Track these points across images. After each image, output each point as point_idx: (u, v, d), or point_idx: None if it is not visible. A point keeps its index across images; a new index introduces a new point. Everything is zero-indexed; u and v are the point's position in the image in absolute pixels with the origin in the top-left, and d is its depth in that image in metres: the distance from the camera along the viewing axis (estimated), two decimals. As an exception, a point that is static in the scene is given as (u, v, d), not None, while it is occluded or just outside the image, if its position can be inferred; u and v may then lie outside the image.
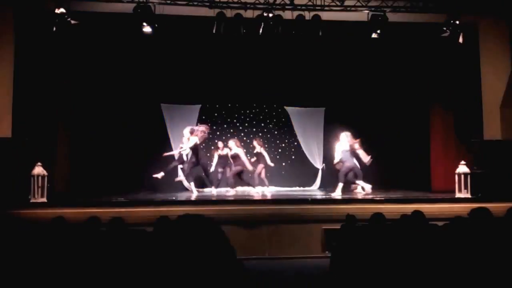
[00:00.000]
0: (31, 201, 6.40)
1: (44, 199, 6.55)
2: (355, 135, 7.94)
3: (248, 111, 9.52)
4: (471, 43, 7.72)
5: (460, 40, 7.11)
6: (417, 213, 4.19)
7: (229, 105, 9.44)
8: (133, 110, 8.76)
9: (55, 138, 7.76)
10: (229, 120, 9.46)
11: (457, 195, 7.16)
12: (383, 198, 6.98)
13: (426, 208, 5.59)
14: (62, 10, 6.48)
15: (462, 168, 7.20)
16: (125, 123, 8.64)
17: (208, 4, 6.84)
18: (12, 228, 3.64)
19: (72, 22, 6.58)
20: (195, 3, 6.87)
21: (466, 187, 7.06)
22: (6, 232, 3.57)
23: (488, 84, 8.01)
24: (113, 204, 6.39)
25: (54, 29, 6.58)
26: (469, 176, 7.07)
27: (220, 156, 8.48)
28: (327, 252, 5.91)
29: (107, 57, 8.32)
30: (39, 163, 6.65)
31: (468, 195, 7.00)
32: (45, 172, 6.64)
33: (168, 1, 6.82)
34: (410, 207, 5.03)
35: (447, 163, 8.20)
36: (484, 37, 7.99)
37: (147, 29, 6.89)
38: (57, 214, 4.05)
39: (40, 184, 6.53)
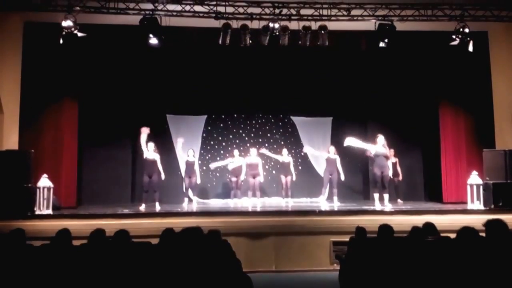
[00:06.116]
0: (36, 212, 6.37)
1: (50, 211, 6.54)
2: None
3: (254, 121, 9.45)
4: (481, 50, 7.62)
5: (470, 48, 7.00)
6: (428, 225, 4.07)
7: (235, 115, 9.38)
8: (139, 121, 8.75)
9: (61, 151, 7.76)
10: (234, 130, 9.39)
11: (469, 206, 7.01)
12: (393, 210, 6.83)
13: (438, 219, 5.42)
14: (69, 22, 6.52)
15: (474, 179, 7.06)
16: (131, 135, 8.63)
17: (214, 15, 6.86)
18: (18, 240, 3.59)
19: (79, 34, 6.63)
20: (201, 14, 6.90)
21: (478, 198, 6.91)
22: (12, 244, 3.53)
23: (499, 92, 7.87)
24: (118, 216, 6.34)
25: (61, 41, 6.62)
26: (481, 187, 6.92)
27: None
28: (335, 265, 5.77)
29: (114, 69, 8.36)
30: (45, 175, 6.65)
31: (481, 206, 6.84)
32: (51, 184, 6.64)
33: (174, 13, 6.84)
34: (421, 219, 4.92)
35: (459, 173, 8.02)
36: (494, 44, 7.89)
37: (153, 40, 6.91)
38: (62, 226, 3.99)
39: (45, 196, 6.53)
